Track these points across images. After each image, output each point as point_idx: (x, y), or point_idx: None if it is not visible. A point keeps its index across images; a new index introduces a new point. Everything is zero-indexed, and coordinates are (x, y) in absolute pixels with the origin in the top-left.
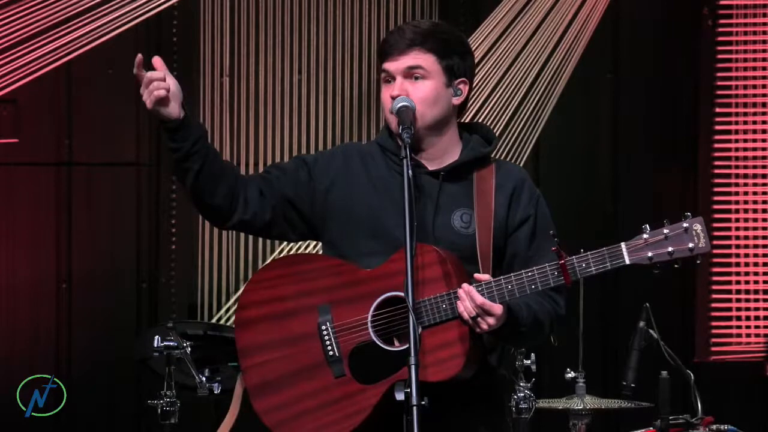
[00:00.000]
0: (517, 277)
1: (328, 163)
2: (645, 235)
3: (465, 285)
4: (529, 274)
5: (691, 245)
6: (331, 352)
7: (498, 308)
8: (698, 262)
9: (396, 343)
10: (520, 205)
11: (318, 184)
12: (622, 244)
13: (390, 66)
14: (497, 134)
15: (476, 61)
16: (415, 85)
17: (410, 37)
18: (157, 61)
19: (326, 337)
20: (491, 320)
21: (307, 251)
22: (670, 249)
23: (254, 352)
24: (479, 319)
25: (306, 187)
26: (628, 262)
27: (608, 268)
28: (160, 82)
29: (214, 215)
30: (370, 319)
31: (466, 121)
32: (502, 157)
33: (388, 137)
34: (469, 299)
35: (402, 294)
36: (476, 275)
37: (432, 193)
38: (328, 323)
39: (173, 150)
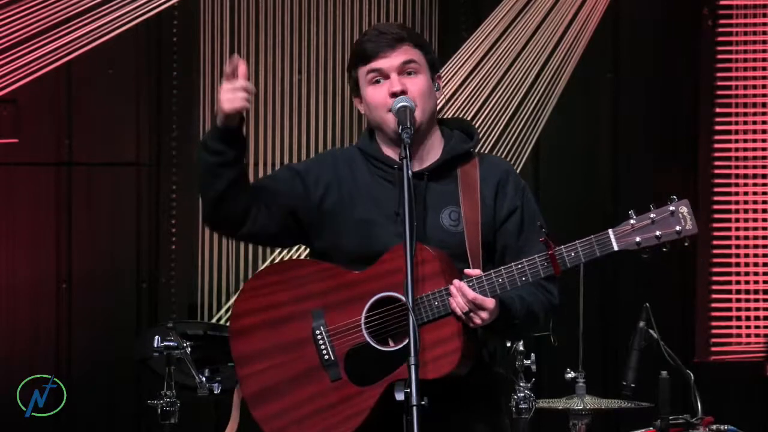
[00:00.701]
0: (507, 270)
1: (319, 172)
2: (632, 221)
3: (456, 281)
4: (519, 266)
5: (678, 228)
6: (326, 356)
7: (490, 302)
8: (686, 244)
9: (390, 343)
10: (507, 197)
11: (312, 194)
12: (610, 231)
13: (383, 64)
14: (497, 134)
15: (476, 61)
16: (411, 80)
17: (396, 32)
18: (243, 68)
19: (321, 342)
20: (484, 314)
21: (300, 257)
22: (657, 233)
23: (250, 360)
24: (472, 314)
25: (301, 198)
26: (616, 248)
27: (597, 256)
28: (246, 93)
29: (228, 225)
30: (363, 320)
31: (466, 119)
32: (502, 157)
33: (369, 142)
34: (460, 295)
35: (394, 294)
36: (466, 270)
37: (419, 194)
38: (322, 327)
39: (217, 153)
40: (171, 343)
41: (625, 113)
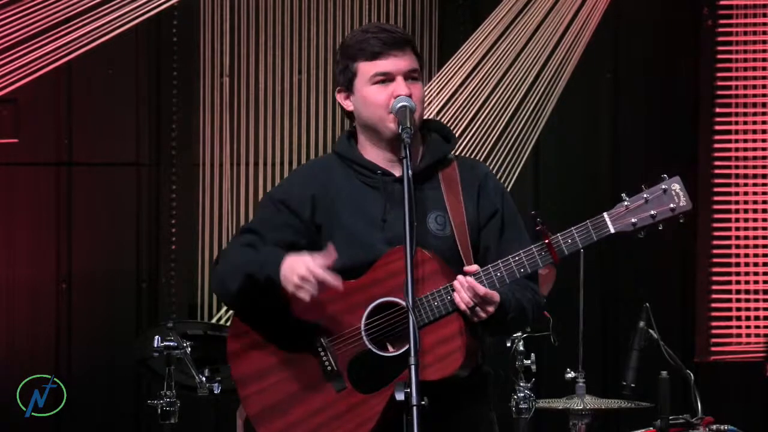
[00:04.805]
0: (505, 263)
1: (301, 190)
2: (626, 202)
3: (460, 277)
4: (517, 258)
5: (672, 205)
6: (329, 367)
7: (498, 296)
8: (681, 221)
9: (390, 348)
10: (488, 200)
11: (301, 215)
12: (605, 214)
13: (391, 65)
14: (497, 134)
15: (476, 61)
16: (414, 86)
17: (401, 33)
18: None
19: (322, 353)
20: (491, 309)
21: None
22: (652, 212)
23: (251, 379)
24: (478, 308)
25: (294, 226)
26: (612, 231)
27: (594, 240)
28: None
29: None
30: (363, 327)
31: (441, 120)
32: (502, 157)
33: (348, 145)
34: (466, 290)
35: (392, 299)
36: (467, 268)
37: (404, 200)
38: (322, 339)
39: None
40: (171, 343)
41: (625, 113)
